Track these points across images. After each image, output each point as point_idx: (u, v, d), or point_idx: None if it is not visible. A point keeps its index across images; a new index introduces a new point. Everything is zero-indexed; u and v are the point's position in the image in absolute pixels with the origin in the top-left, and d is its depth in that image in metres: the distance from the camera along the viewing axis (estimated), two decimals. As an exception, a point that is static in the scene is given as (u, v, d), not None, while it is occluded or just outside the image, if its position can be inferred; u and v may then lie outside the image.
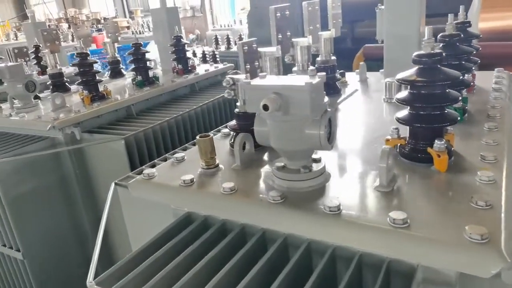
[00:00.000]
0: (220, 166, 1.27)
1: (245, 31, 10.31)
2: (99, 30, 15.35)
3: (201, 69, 3.38)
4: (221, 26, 13.76)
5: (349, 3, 4.83)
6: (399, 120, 1.18)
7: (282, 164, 1.11)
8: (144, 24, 13.62)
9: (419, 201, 0.98)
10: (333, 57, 2.00)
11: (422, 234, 0.84)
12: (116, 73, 3.36)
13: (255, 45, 1.36)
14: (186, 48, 3.27)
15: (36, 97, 2.65)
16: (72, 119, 2.26)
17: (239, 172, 1.23)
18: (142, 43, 2.89)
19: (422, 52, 1.12)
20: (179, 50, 3.24)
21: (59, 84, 2.94)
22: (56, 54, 2.89)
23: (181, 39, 3.24)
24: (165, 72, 3.49)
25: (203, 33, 17.35)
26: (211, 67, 3.46)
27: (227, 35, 7.56)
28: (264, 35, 4.80)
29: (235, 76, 1.37)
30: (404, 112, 1.18)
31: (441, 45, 1.58)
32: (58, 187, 2.35)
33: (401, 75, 1.16)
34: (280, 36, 1.43)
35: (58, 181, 2.35)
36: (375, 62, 3.66)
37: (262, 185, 1.14)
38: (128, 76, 3.42)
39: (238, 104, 1.41)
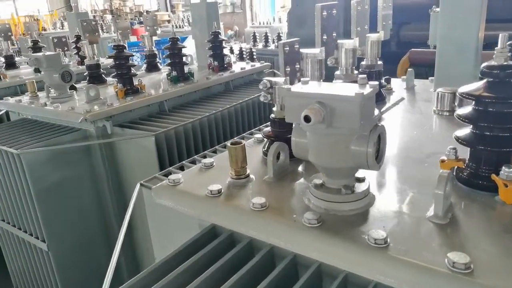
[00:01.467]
0: (251, 176, 1.16)
1: (284, 29, 10.16)
2: (140, 22, 15.67)
3: (237, 67, 3.29)
4: (260, 24, 13.65)
5: (394, 5, 4.60)
6: (459, 139, 1.02)
7: (321, 181, 0.99)
8: (185, 18, 13.78)
9: (481, 238, 0.83)
10: (380, 62, 1.85)
11: (488, 283, 0.70)
12: (152, 67, 3.33)
13: (297, 46, 1.24)
14: (224, 44, 3.18)
15: (72, 87, 2.65)
16: (104, 112, 2.23)
17: (271, 185, 1.12)
18: (179, 37, 2.83)
19: (493, 63, 0.96)
20: (216, 46, 3.16)
21: (95, 76, 2.94)
22: (95, 45, 2.88)
23: (219, 35, 3.16)
24: (200, 68, 3.43)
25: (241, 30, 17.33)
26: (247, 65, 3.36)
27: (266, 33, 7.45)
28: (305, 35, 4.64)
29: (273, 79, 1.26)
30: (465, 131, 1.03)
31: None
32: (86, 180, 2.33)
33: (465, 88, 1.01)
34: (325, 37, 1.30)
35: (87, 173, 2.33)
36: (422, 68, 3.44)
37: (296, 203, 1.02)
38: (164, 71, 3.39)
39: (274, 109, 1.30)
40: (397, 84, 2.23)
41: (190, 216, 1.13)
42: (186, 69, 2.90)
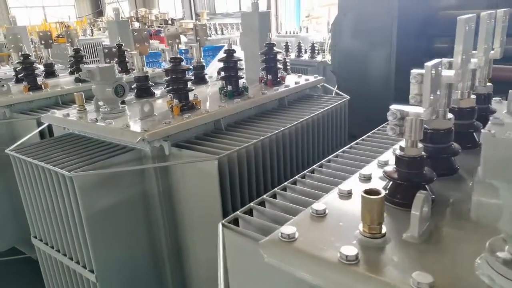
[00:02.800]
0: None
1: (310, 38, 9.96)
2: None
3: (291, 81, 3.06)
4: (286, 33, 13.47)
5: (452, 17, 4.31)
6: None
7: (510, 256, 0.74)
8: (211, 26, 13.76)
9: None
10: (489, 84, 1.59)
11: None
12: (199, 79, 3.14)
13: (440, 68, 1.00)
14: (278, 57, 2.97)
15: (121, 101, 2.47)
16: (163, 131, 2.03)
17: (420, 250, 0.87)
18: (235, 49, 2.62)
19: None
20: (270, 59, 2.95)
21: (143, 88, 2.76)
22: (144, 56, 2.71)
23: (273, 47, 2.95)
24: (250, 82, 3.22)
25: (266, 39, 17.23)
26: (300, 79, 3.14)
27: (299, 43, 7.24)
28: (352, 48, 4.37)
29: (404, 108, 1.02)
30: None
31: None
32: (138, 205, 2.13)
33: None
34: (464, 56, 1.07)
35: (139, 198, 2.13)
36: (502, 85, 3.15)
37: (471, 280, 0.77)
38: (212, 83, 3.20)
39: (402, 144, 1.06)
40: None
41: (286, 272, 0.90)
42: (240, 83, 2.69)
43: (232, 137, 2.25)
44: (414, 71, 1.10)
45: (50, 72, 3.95)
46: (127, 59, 3.90)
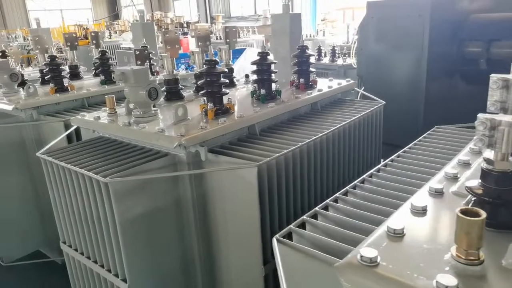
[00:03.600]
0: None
1: (327, 41, 9.85)
2: (184, 33, 15.81)
3: (323, 84, 2.96)
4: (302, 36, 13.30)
5: (484, 20, 4.16)
6: None
7: None
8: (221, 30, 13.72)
9: None
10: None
11: None
12: (228, 82, 3.06)
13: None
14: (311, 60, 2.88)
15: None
16: (199, 136, 1.95)
17: (527, 279, 0.76)
18: (268, 52, 2.54)
19: None
20: (302, 62, 2.86)
21: (173, 92, 2.70)
22: (174, 58, 2.65)
23: (306, 50, 2.85)
24: (280, 85, 3.13)
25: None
26: (332, 83, 3.03)
27: (319, 46, 7.15)
28: (382, 50, 4.25)
29: (496, 117, 0.91)
30: None
31: None
32: (172, 211, 2.06)
33: None
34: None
35: (173, 204, 2.05)
36: None
37: None
38: (240, 86, 3.12)
39: (487, 156, 0.95)
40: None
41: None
42: (273, 87, 2.60)
43: (268, 143, 2.16)
44: (495, 76, 1.01)
45: (75, 74, 3.92)
46: (152, 62, 3.85)
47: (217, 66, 2.21)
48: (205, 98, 2.28)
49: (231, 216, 2.01)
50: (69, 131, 2.64)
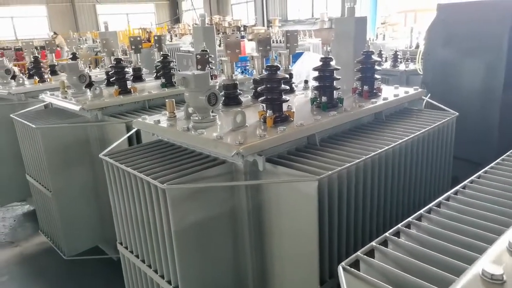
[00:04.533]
0: None
1: (387, 45, 9.42)
2: (242, 37, 16.00)
3: (388, 92, 2.78)
4: (361, 40, 12.87)
5: None
6: None
7: None
8: (279, 33, 13.70)
9: None
10: None
11: None
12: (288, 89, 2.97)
13: None
14: (376, 66, 2.71)
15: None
16: (257, 145, 1.88)
17: None
18: (331, 57, 2.41)
19: None
20: (367, 68, 2.70)
21: (232, 97, 2.66)
22: (234, 63, 2.61)
23: (372, 56, 2.69)
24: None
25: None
26: (398, 91, 2.83)
27: (380, 51, 6.83)
28: (452, 56, 3.93)
29: None
30: None
31: None
32: (226, 221, 2.00)
33: None
34: None
35: (228, 213, 2.00)
36: None
37: None
38: (299, 93, 3.02)
39: None
40: None
41: None
42: (335, 94, 2.47)
43: (328, 154, 2.04)
44: None
45: (137, 77, 4.05)
46: (211, 65, 3.87)
47: (278, 72, 2.14)
48: (264, 104, 2.22)
49: (288, 230, 1.92)
50: (130, 133, 2.70)
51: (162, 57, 3.73)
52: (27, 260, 3.85)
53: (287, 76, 2.15)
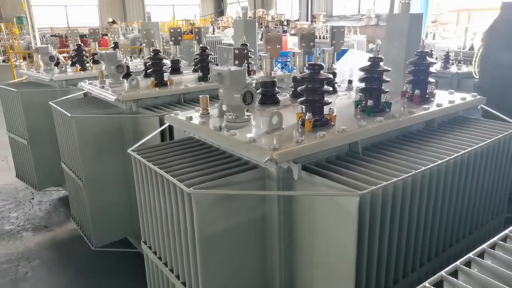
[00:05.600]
0: None
1: (437, 45, 8.86)
2: (284, 31, 15.75)
3: (442, 98, 2.51)
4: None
5: None
6: None
7: None
8: (323, 29, 13.33)
9: None
10: None
11: None
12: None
13: None
14: (431, 69, 2.44)
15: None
16: (293, 151, 1.71)
17: None
18: (382, 57, 2.19)
19: None
20: (420, 70, 2.45)
21: (269, 95, 2.50)
22: (274, 59, 2.44)
23: (427, 57, 2.43)
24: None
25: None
26: (453, 96, 2.56)
27: (430, 51, 6.39)
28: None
29: None
30: None
31: None
32: (255, 229, 1.85)
33: None
34: None
35: (257, 221, 1.85)
36: None
37: None
38: (342, 93, 2.81)
39: None
40: None
41: None
42: (383, 98, 2.25)
43: (372, 165, 1.84)
44: None
45: (175, 69, 3.97)
46: (250, 60, 3.73)
47: (321, 72, 1.95)
48: (303, 106, 2.04)
49: (322, 246, 1.74)
50: (161, 128, 2.60)
51: (200, 50, 3.62)
52: (58, 246, 3.90)
53: (331, 76, 1.96)
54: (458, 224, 2.10)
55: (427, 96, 2.47)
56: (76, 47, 4.69)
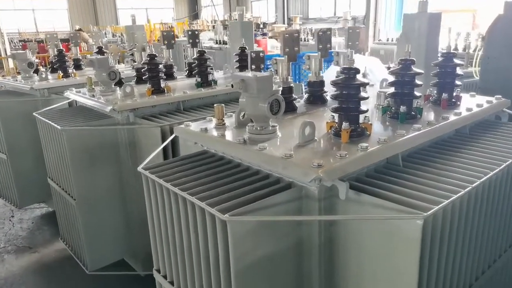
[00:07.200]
0: None
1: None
2: (264, 34, 15.61)
3: (470, 102, 2.37)
4: (388, 40, 12.43)
5: None
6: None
7: None
8: (303, 32, 13.22)
9: None
10: None
11: None
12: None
13: None
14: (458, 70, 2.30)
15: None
16: (340, 167, 1.51)
17: None
18: (413, 60, 2.02)
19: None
20: (446, 73, 2.30)
21: (287, 102, 2.28)
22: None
23: (453, 58, 2.29)
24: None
25: (361, 46, 16.23)
26: (478, 99, 2.43)
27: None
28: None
29: None
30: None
31: None
32: (290, 258, 1.64)
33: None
34: None
35: (293, 247, 1.63)
36: None
37: None
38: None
39: None
40: None
41: None
42: (414, 103, 2.08)
43: (420, 179, 1.66)
44: None
45: (169, 74, 3.72)
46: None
47: (357, 77, 1.76)
48: (334, 114, 1.84)
49: (371, 275, 1.54)
50: (168, 141, 2.35)
51: (198, 54, 3.38)
52: (46, 269, 3.56)
53: (368, 82, 1.77)
54: (507, 234, 1.97)
55: (453, 100, 2.33)
56: (57, 52, 4.35)
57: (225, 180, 1.69)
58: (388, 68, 4.26)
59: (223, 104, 2.07)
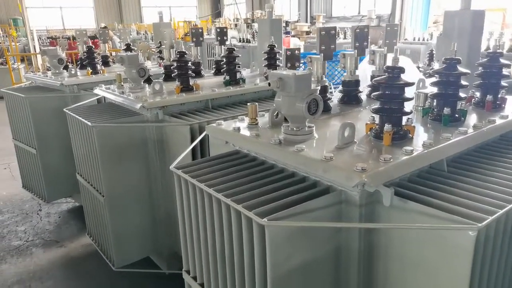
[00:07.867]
0: None
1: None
2: (287, 32, 15.48)
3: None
4: (414, 40, 12.12)
5: None
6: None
7: None
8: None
9: None
10: None
11: None
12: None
13: None
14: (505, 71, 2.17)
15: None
16: (385, 172, 1.42)
17: None
18: (459, 59, 1.91)
19: None
20: (491, 73, 2.18)
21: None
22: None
23: (500, 57, 2.16)
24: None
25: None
26: (522, 102, 2.29)
27: (431, 50, 6.18)
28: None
29: None
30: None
31: None
32: (328, 265, 1.56)
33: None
34: None
35: (331, 254, 1.56)
36: None
37: None
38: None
39: None
40: None
41: None
42: (458, 105, 1.97)
43: (469, 186, 1.55)
44: None
45: (197, 72, 3.69)
46: (277, 62, 3.45)
47: (401, 77, 1.67)
48: (374, 115, 1.76)
49: (415, 285, 1.46)
50: (198, 139, 2.31)
51: (227, 51, 3.33)
52: (73, 264, 3.60)
53: (411, 82, 1.68)
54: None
55: (498, 102, 2.20)
56: (86, 49, 4.39)
57: (260, 182, 1.64)
58: (418, 68, 4.12)
59: (256, 103, 2.01)
